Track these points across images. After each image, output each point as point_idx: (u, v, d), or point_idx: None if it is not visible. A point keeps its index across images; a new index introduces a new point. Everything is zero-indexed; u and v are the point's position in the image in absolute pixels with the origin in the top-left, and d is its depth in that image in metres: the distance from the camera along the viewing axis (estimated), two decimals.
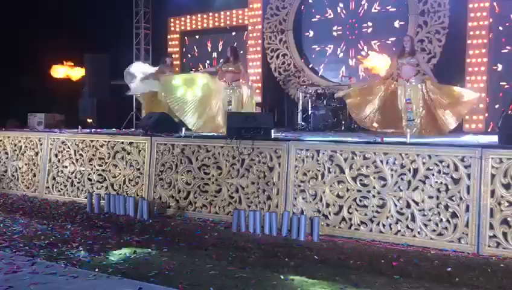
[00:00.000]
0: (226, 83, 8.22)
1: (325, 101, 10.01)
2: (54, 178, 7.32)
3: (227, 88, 8.23)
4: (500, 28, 9.23)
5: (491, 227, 4.58)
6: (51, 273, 3.85)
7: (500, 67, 9.24)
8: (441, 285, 3.76)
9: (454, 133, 7.79)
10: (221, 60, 8.63)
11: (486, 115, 9.27)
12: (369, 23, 10.61)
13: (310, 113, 10.11)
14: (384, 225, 5.03)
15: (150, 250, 4.62)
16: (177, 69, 12.48)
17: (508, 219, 4.52)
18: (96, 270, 3.95)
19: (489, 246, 4.58)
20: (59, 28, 11.21)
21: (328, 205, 5.34)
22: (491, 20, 9.22)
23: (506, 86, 9.18)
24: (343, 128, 9.69)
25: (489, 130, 8.99)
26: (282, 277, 3.91)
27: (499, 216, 4.56)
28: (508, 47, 9.16)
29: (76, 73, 8.90)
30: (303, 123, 10.29)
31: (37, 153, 7.55)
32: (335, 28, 11.04)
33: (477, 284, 3.79)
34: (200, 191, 6.12)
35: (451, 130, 7.76)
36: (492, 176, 4.60)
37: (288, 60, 11.52)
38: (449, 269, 4.15)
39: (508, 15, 9.17)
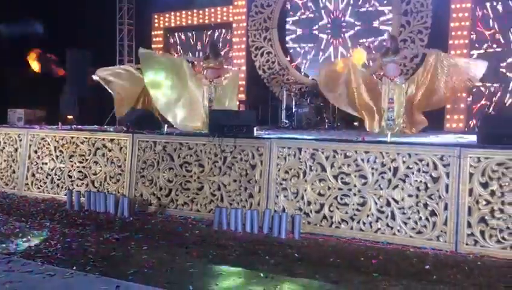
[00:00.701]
0: (208, 80, 8.15)
1: (308, 100, 10.02)
2: (33, 175, 7.21)
3: (208, 85, 8.16)
4: (480, 28, 9.34)
5: (469, 225, 4.64)
6: (27, 271, 3.80)
7: None
8: (419, 283, 3.80)
9: (434, 132, 7.87)
10: (201, 56, 8.55)
11: (468, 114, 9.37)
12: (353, 21, 10.64)
13: (293, 111, 10.11)
14: (364, 223, 5.07)
15: (129, 248, 4.58)
16: None
17: (486, 217, 4.59)
18: (74, 268, 3.91)
19: (467, 244, 4.64)
20: (40, 22, 11.04)
21: (309, 203, 5.35)
22: (471, 20, 9.32)
23: (488, 85, 9.28)
24: (326, 126, 9.71)
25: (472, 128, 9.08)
26: (262, 274, 3.91)
27: (477, 215, 4.62)
28: (484, 46, 9.26)
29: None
30: (286, 121, 10.29)
31: (16, 149, 7.44)
32: (319, 26, 11.05)
33: (455, 282, 3.84)
34: (182, 188, 6.09)
35: (432, 129, 7.84)
36: (471, 175, 4.67)
37: (272, 58, 11.51)
38: (427, 266, 4.20)
39: (488, 15, 9.28)
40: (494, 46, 9.19)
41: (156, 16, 13.01)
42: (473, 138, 5.56)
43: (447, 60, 7.29)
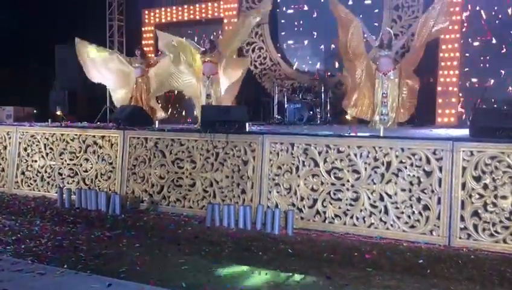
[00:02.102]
0: (205, 75, 8.13)
1: (300, 95, 10.01)
2: (23, 173, 7.12)
3: (205, 80, 8.14)
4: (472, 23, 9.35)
5: (462, 219, 4.64)
6: (17, 270, 3.75)
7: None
8: (413, 277, 3.80)
9: (426, 127, 7.88)
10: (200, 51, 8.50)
11: (460, 108, 9.39)
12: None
13: (285, 107, 10.09)
14: (357, 218, 5.05)
15: (121, 245, 4.53)
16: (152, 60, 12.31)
17: (479, 211, 4.59)
18: (65, 266, 3.86)
19: (460, 238, 4.64)
20: (30, 18, 10.93)
21: (302, 199, 5.33)
22: (463, 15, 9.33)
23: (475, 80, 9.29)
24: (318, 122, 9.70)
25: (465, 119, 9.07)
26: (255, 270, 3.88)
27: (470, 208, 4.62)
28: (475, 43, 9.27)
29: None
30: (279, 117, 10.27)
31: (5, 147, 7.33)
32: (311, 21, 11.00)
33: (448, 276, 3.84)
34: (174, 185, 6.04)
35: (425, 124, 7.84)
36: (464, 168, 4.66)
37: (264, 54, 11.45)
38: (421, 261, 4.18)
39: (479, 10, 9.29)
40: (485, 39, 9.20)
41: (146, 12, 12.89)
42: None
43: None
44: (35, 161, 7.04)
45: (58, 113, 7.76)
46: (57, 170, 6.85)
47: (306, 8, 11.07)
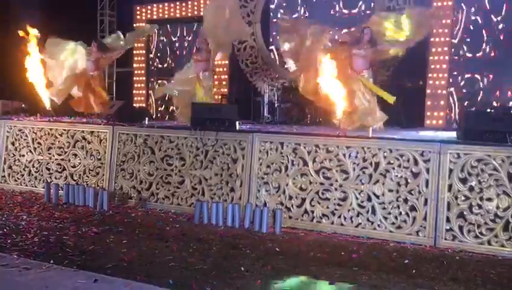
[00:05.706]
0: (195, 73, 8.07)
1: (291, 95, 10.03)
2: (10, 167, 7.06)
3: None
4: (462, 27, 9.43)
5: (448, 220, 4.70)
6: (2, 264, 3.72)
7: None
8: (398, 277, 3.83)
9: (415, 128, 7.93)
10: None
11: (448, 111, 9.47)
12: (337, 20, 10.64)
13: (276, 106, 10.11)
14: (345, 218, 5.09)
15: (108, 241, 4.52)
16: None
17: (464, 212, 4.65)
18: (51, 262, 3.83)
19: (445, 239, 4.70)
20: (20, 13, 10.81)
21: (291, 198, 5.35)
22: (454, 18, 9.41)
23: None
24: (308, 121, 9.73)
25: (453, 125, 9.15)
26: (242, 268, 3.89)
27: (456, 210, 4.68)
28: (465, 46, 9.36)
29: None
30: (269, 116, 10.29)
31: None
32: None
33: (434, 276, 3.89)
34: (163, 182, 6.03)
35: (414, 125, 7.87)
36: (450, 170, 4.71)
37: (255, 53, 11.44)
38: (407, 261, 4.24)
39: (469, 16, 9.38)
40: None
41: (138, 8, 12.81)
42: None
43: None
44: (23, 156, 6.98)
45: (48, 108, 7.68)
46: (45, 165, 6.80)
47: (299, 8, 11.09)
